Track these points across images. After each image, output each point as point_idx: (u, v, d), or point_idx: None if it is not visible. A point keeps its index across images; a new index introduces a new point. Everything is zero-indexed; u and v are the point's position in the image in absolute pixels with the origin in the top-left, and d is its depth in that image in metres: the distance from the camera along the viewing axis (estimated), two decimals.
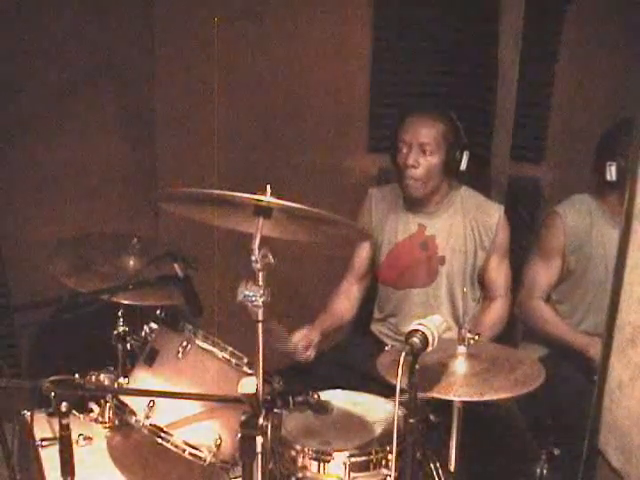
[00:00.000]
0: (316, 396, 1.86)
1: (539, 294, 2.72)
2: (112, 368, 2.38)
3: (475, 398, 1.85)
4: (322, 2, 3.19)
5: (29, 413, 2.17)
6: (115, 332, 2.39)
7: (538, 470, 2.22)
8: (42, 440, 2.12)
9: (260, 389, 1.66)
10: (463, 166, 2.64)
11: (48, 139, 3.05)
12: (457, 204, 2.71)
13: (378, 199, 2.81)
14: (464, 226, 2.69)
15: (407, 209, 2.74)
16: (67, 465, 1.71)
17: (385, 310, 2.81)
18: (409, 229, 2.73)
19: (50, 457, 2.02)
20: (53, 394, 1.66)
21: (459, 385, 1.90)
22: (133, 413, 2.01)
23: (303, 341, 2.57)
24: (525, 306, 2.74)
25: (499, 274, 2.72)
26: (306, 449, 1.97)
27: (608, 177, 2.56)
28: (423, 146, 2.58)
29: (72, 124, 3.08)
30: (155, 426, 1.99)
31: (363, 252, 2.82)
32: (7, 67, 2.91)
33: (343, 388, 2.27)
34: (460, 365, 1.97)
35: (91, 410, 2.36)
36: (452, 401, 1.95)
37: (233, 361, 2.02)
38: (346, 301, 2.83)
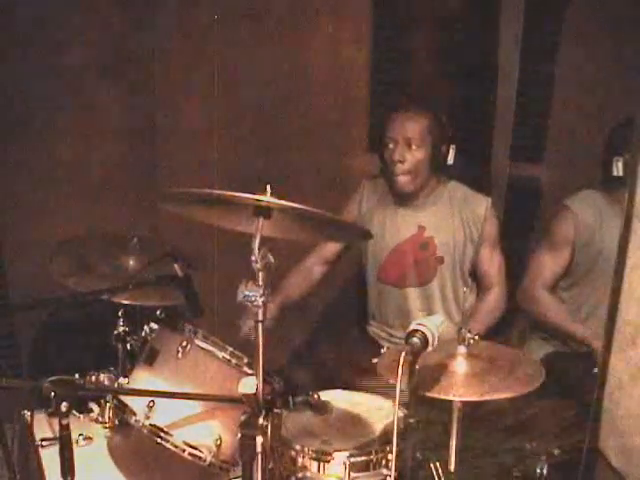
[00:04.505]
0: (316, 396, 1.86)
1: (543, 283, 2.73)
2: (112, 368, 2.38)
3: (475, 398, 1.85)
4: (322, 2, 3.20)
5: (29, 413, 2.17)
6: (115, 332, 2.38)
7: (538, 470, 2.21)
8: (42, 440, 2.12)
9: (260, 389, 1.66)
10: (450, 160, 2.67)
11: (48, 139, 3.05)
12: (445, 198, 2.73)
13: (370, 191, 2.83)
14: (453, 219, 2.71)
15: (395, 203, 2.76)
16: (67, 465, 1.71)
17: (382, 309, 2.82)
18: (397, 224, 2.74)
19: (50, 457, 2.02)
20: (53, 394, 1.66)
21: (459, 385, 1.90)
22: (133, 413, 2.01)
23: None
24: (528, 294, 2.75)
25: (492, 264, 2.74)
26: (306, 449, 1.96)
27: (615, 172, 2.57)
28: (409, 141, 2.61)
29: (72, 124, 3.08)
30: (155, 426, 1.99)
31: None
32: (7, 67, 2.91)
33: (343, 388, 2.28)
34: (460, 365, 1.97)
35: (91, 410, 2.36)
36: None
37: (233, 361, 2.02)
38: (303, 280, 2.84)
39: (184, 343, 2.05)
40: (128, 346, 2.37)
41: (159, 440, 1.99)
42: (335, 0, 3.21)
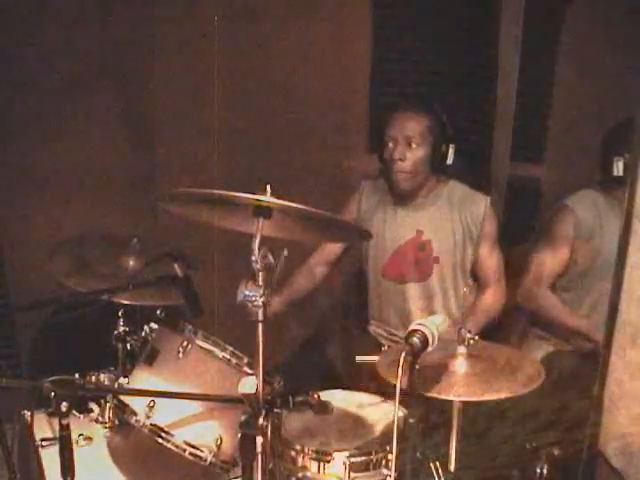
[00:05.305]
0: (316, 396, 1.86)
1: (544, 281, 2.74)
2: (112, 368, 2.38)
3: (475, 398, 1.85)
4: (322, 2, 3.20)
5: (29, 413, 2.16)
6: (115, 332, 2.38)
7: (538, 470, 2.21)
8: (42, 440, 2.12)
9: (260, 389, 1.66)
10: (449, 160, 2.67)
11: (48, 139, 3.05)
12: (444, 197, 2.74)
13: (369, 192, 2.84)
14: (452, 219, 2.71)
15: (395, 203, 2.76)
16: (67, 465, 1.71)
17: (383, 308, 2.83)
18: (396, 224, 2.75)
19: (50, 457, 2.02)
20: (53, 394, 1.66)
21: (459, 385, 1.90)
22: (133, 413, 2.02)
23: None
24: (529, 293, 2.76)
25: (491, 262, 2.75)
26: (306, 449, 1.96)
27: (615, 172, 2.58)
28: (409, 139, 2.63)
29: (72, 124, 3.08)
30: (155, 426, 1.99)
31: None
32: (7, 67, 2.91)
33: (343, 388, 2.28)
34: (460, 365, 1.97)
35: (91, 410, 2.36)
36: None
37: (233, 361, 2.02)
38: (307, 279, 2.88)
39: (184, 343, 2.05)
40: (128, 346, 2.38)
41: (160, 440, 1.99)
42: (335, 0, 3.21)
